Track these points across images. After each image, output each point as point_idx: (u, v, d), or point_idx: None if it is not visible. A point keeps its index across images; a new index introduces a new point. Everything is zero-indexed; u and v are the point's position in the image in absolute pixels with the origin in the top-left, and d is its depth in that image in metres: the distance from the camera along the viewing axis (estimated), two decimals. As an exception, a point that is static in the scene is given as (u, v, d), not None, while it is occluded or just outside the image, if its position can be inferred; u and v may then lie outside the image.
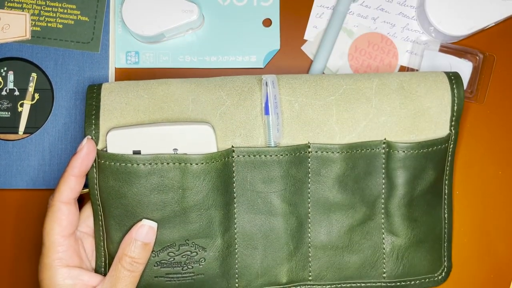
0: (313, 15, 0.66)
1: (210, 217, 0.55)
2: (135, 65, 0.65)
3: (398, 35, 0.65)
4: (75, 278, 0.53)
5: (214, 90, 0.56)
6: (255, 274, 0.58)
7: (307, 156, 0.57)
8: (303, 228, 0.58)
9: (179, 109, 0.56)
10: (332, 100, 0.57)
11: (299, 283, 0.59)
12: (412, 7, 0.65)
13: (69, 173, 0.53)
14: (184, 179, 0.54)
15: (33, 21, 0.64)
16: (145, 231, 0.54)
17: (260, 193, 0.57)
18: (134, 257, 0.54)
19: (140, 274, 0.54)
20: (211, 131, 0.55)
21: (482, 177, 0.65)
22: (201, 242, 0.56)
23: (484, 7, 0.62)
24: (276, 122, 0.56)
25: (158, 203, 0.54)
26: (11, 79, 0.64)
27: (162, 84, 0.56)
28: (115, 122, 0.55)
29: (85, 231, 0.57)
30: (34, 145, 0.64)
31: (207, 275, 0.57)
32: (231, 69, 0.65)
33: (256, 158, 0.56)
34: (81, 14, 0.64)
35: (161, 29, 0.61)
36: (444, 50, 0.64)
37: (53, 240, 0.53)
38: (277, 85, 0.56)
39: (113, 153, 0.54)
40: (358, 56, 0.65)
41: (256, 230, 0.57)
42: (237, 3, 0.65)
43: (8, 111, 0.64)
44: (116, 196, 0.54)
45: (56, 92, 0.64)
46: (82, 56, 0.64)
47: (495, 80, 0.65)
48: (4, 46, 0.64)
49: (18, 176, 0.64)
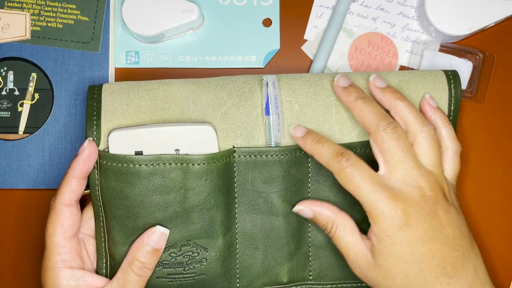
0: (313, 15, 0.66)
1: (212, 217, 0.56)
2: (135, 65, 0.65)
3: (398, 35, 0.65)
4: (79, 279, 0.53)
5: (215, 91, 0.56)
6: (256, 274, 0.58)
7: (307, 156, 0.57)
8: (304, 228, 0.58)
9: (180, 110, 0.56)
10: (332, 100, 0.57)
11: (299, 282, 0.59)
12: (412, 7, 0.65)
13: (70, 175, 0.53)
14: (186, 179, 0.54)
15: (33, 21, 0.64)
16: (158, 237, 0.54)
17: (261, 193, 0.57)
18: (145, 262, 0.54)
19: (147, 279, 0.54)
20: (212, 131, 0.55)
21: (482, 177, 0.65)
22: (203, 242, 0.56)
23: (484, 7, 0.62)
24: (277, 122, 0.56)
25: (160, 203, 0.54)
26: (11, 79, 0.64)
27: (163, 85, 0.56)
28: (116, 123, 0.55)
29: (87, 233, 0.57)
30: (34, 145, 0.64)
31: (209, 275, 0.57)
32: (231, 69, 0.65)
33: (257, 158, 0.56)
34: (81, 14, 0.64)
35: (161, 29, 0.61)
36: (444, 50, 0.64)
37: (56, 242, 0.53)
38: (278, 86, 0.56)
39: (115, 154, 0.54)
40: (358, 56, 0.65)
41: (257, 230, 0.57)
42: (237, 3, 0.65)
43: (8, 111, 0.64)
44: (117, 197, 0.54)
45: (56, 92, 0.64)
46: (82, 56, 0.64)
47: (495, 80, 0.65)
48: (4, 46, 0.64)
49: (18, 176, 0.64)
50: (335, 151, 0.52)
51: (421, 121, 0.53)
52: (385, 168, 0.52)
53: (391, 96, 0.54)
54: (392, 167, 0.51)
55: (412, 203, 0.50)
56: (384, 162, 0.52)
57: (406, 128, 0.53)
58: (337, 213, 0.54)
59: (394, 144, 0.51)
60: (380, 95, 0.55)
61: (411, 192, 0.50)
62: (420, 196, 0.50)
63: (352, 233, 0.53)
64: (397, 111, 0.54)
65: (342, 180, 0.52)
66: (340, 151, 0.52)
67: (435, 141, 0.53)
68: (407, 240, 0.50)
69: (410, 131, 0.53)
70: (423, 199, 0.50)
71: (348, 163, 0.51)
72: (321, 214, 0.54)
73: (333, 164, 0.52)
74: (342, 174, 0.51)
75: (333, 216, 0.54)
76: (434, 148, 0.53)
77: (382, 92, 0.55)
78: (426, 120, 0.54)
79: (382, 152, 0.52)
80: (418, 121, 0.53)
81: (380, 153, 0.52)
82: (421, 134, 0.53)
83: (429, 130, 0.53)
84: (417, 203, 0.50)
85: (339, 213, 0.54)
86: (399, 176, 0.51)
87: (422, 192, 0.51)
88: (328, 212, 0.54)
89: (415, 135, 0.53)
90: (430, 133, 0.53)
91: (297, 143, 0.56)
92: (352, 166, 0.51)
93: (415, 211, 0.50)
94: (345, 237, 0.53)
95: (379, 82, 0.56)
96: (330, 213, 0.54)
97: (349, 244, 0.53)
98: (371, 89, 0.56)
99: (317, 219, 0.55)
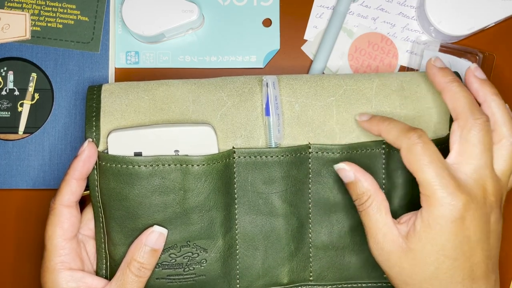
0: (313, 15, 0.65)
1: (212, 218, 0.56)
2: (135, 65, 0.65)
3: (398, 35, 0.65)
4: (78, 281, 0.53)
5: (215, 91, 0.56)
6: (256, 275, 0.58)
7: (307, 157, 0.57)
8: (304, 229, 0.58)
9: (180, 110, 0.56)
10: (333, 100, 0.57)
11: (300, 283, 0.59)
12: (412, 7, 0.65)
13: (70, 176, 0.53)
14: (186, 180, 0.54)
15: (33, 21, 0.64)
16: (156, 237, 0.54)
17: (261, 194, 0.57)
18: (143, 262, 0.54)
19: (147, 280, 0.54)
20: (212, 132, 0.55)
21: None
22: (203, 243, 0.56)
23: (484, 7, 0.62)
24: (277, 123, 0.56)
25: (160, 204, 0.54)
26: (11, 79, 0.64)
27: (162, 85, 0.56)
28: (115, 123, 0.55)
29: (87, 234, 0.57)
30: (34, 145, 0.64)
31: (209, 276, 0.57)
32: (231, 69, 0.65)
33: (257, 159, 0.56)
34: (81, 14, 0.64)
35: (161, 29, 0.61)
36: (444, 50, 0.64)
37: (55, 243, 0.53)
38: (278, 86, 0.56)
39: (114, 155, 0.54)
40: (358, 56, 0.65)
41: (257, 231, 0.57)
42: (237, 3, 0.65)
43: (8, 111, 0.64)
44: (117, 198, 0.54)
45: (56, 92, 0.64)
46: (82, 56, 0.64)
47: (495, 80, 0.65)
48: (4, 46, 0.64)
49: (18, 176, 0.64)
50: (406, 126, 0.51)
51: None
52: (457, 157, 0.51)
53: (490, 90, 0.53)
54: (466, 159, 0.50)
55: (474, 200, 0.49)
56: (459, 151, 0.50)
57: (494, 127, 0.52)
58: (377, 189, 0.52)
59: (479, 137, 0.50)
60: (477, 85, 0.53)
61: (476, 190, 0.49)
62: (482, 197, 0.49)
63: (386, 213, 0.51)
64: (491, 107, 0.52)
65: (409, 157, 0.49)
66: (412, 127, 0.51)
67: None
68: (455, 234, 0.48)
69: (497, 131, 0.52)
70: (483, 200, 0.49)
71: (420, 140, 0.49)
72: (362, 182, 0.52)
73: (403, 139, 0.50)
74: (411, 151, 0.49)
75: (372, 189, 0.52)
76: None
77: (481, 83, 0.53)
78: None
79: (462, 140, 0.50)
80: (511, 125, 0.52)
81: (460, 141, 0.50)
82: (509, 138, 0.51)
83: None
84: (478, 202, 0.49)
85: (378, 190, 0.52)
86: (469, 170, 0.50)
87: (485, 194, 0.50)
88: (371, 184, 0.52)
89: (502, 137, 0.52)
90: None
91: (362, 127, 0.55)
92: (424, 144, 0.49)
93: (474, 209, 0.49)
94: (377, 215, 0.51)
95: (479, 73, 0.54)
96: (371, 186, 0.52)
97: (379, 223, 0.51)
98: (468, 78, 0.54)
99: (355, 187, 0.53)
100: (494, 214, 0.50)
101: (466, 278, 0.49)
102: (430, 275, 0.49)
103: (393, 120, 0.53)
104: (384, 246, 0.51)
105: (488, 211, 0.50)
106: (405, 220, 0.51)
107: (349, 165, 0.54)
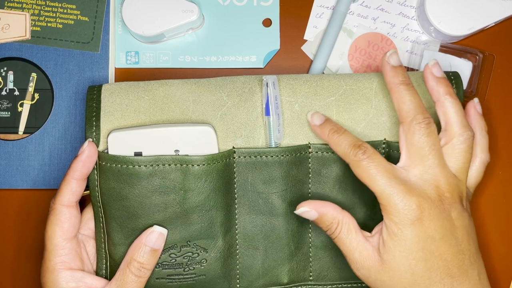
0: (313, 15, 0.66)
1: (212, 218, 0.56)
2: (135, 65, 0.65)
3: (398, 35, 0.65)
4: (78, 281, 0.53)
5: (215, 91, 0.56)
6: (256, 275, 0.58)
7: (307, 157, 0.57)
8: (304, 228, 0.58)
9: (180, 110, 0.56)
10: (332, 100, 0.57)
11: (300, 283, 0.59)
12: (412, 7, 0.65)
13: (70, 176, 0.53)
14: (186, 180, 0.54)
15: (33, 21, 0.64)
16: (155, 237, 0.54)
17: (261, 193, 0.57)
18: (143, 262, 0.54)
19: (146, 280, 0.54)
20: (212, 132, 0.55)
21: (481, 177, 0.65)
22: (203, 243, 0.56)
23: (484, 7, 0.62)
24: (277, 123, 0.56)
25: (160, 204, 0.54)
26: (11, 79, 0.64)
27: (162, 85, 0.56)
28: (115, 123, 0.55)
29: (87, 234, 0.57)
30: (34, 145, 0.64)
31: (209, 276, 0.57)
32: (231, 69, 0.65)
33: (257, 159, 0.56)
34: (81, 14, 0.64)
35: (161, 29, 0.61)
36: (444, 50, 0.64)
37: (55, 243, 0.53)
38: (278, 86, 0.56)
39: (114, 155, 0.54)
40: (358, 56, 0.65)
41: (257, 231, 0.57)
42: (237, 3, 0.65)
43: (8, 111, 0.64)
44: (117, 198, 0.54)
45: (56, 92, 0.64)
46: (82, 56, 0.64)
47: (495, 80, 0.65)
48: (4, 46, 0.64)
49: (18, 176, 0.64)
50: (352, 142, 0.52)
51: (463, 125, 0.52)
52: (406, 161, 0.52)
53: (444, 89, 0.53)
54: (414, 162, 0.51)
55: (427, 199, 0.50)
56: (407, 155, 0.52)
57: (445, 126, 0.53)
58: (341, 212, 0.53)
59: (423, 140, 0.51)
60: (433, 83, 0.54)
61: (428, 190, 0.50)
62: (437, 195, 0.50)
63: (356, 232, 0.52)
64: (443, 106, 0.53)
65: (358, 172, 0.51)
66: (358, 143, 0.52)
67: (469, 148, 0.52)
68: (417, 236, 0.49)
69: (448, 131, 0.52)
70: (438, 198, 0.50)
71: (365, 155, 0.50)
72: (326, 214, 0.53)
73: (350, 156, 0.51)
74: (358, 166, 0.51)
75: (338, 216, 0.53)
76: (466, 155, 0.52)
77: (437, 81, 0.54)
78: (468, 125, 0.53)
79: (408, 144, 0.51)
80: (461, 124, 0.52)
81: (406, 145, 0.52)
82: (459, 138, 0.52)
83: (468, 136, 0.52)
84: (432, 201, 0.50)
85: (342, 213, 0.53)
86: (419, 172, 0.51)
87: (439, 192, 0.50)
88: (334, 212, 0.53)
89: (452, 136, 0.52)
90: (468, 139, 0.52)
91: (313, 130, 0.56)
92: (369, 159, 0.50)
93: (429, 208, 0.49)
94: (349, 236, 0.52)
95: (436, 70, 0.54)
96: (335, 213, 0.53)
97: (353, 244, 0.52)
98: (425, 75, 0.54)
99: (322, 220, 0.54)
100: (455, 209, 0.51)
101: (444, 277, 0.50)
102: (409, 282, 0.50)
103: (343, 133, 0.53)
104: (363, 265, 0.52)
105: (447, 208, 0.50)
106: (376, 231, 0.52)
107: (308, 204, 0.54)
